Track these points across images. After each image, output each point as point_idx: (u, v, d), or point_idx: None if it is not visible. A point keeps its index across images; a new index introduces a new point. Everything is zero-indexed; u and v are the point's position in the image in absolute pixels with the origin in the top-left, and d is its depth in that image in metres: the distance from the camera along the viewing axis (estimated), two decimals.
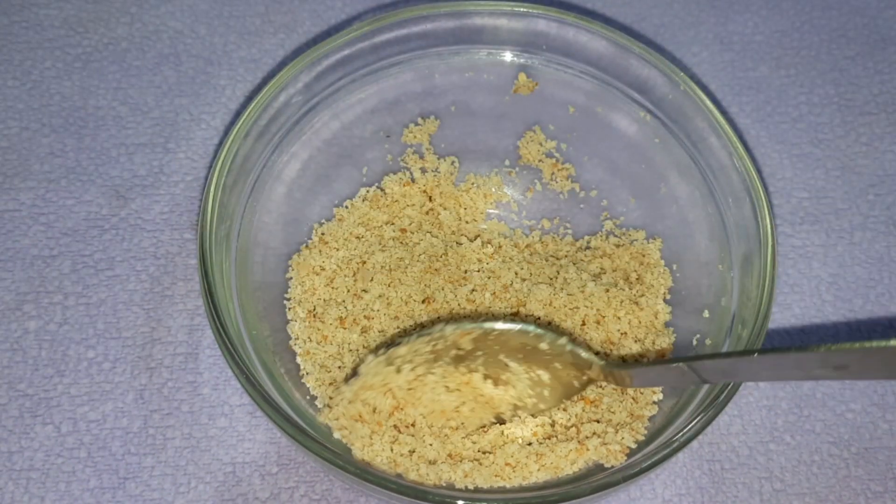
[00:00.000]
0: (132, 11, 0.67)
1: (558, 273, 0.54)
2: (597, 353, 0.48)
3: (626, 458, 0.46)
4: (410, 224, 0.56)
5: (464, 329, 0.46)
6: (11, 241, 0.57)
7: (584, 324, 0.52)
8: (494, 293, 0.53)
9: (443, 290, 0.53)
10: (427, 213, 0.57)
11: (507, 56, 0.57)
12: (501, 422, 0.48)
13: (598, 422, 0.48)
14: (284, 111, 0.54)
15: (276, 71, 0.65)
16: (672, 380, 0.44)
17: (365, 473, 0.43)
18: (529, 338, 0.46)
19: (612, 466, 0.46)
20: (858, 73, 0.67)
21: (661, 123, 0.56)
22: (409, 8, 0.55)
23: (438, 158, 0.59)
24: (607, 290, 0.52)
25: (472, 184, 0.59)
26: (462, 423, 0.48)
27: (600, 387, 0.50)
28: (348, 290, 0.53)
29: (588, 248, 0.57)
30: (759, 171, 0.52)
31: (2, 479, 0.50)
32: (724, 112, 0.63)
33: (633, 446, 0.47)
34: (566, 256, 0.56)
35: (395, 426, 0.47)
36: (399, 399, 0.47)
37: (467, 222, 0.58)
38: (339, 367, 0.50)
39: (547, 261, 0.55)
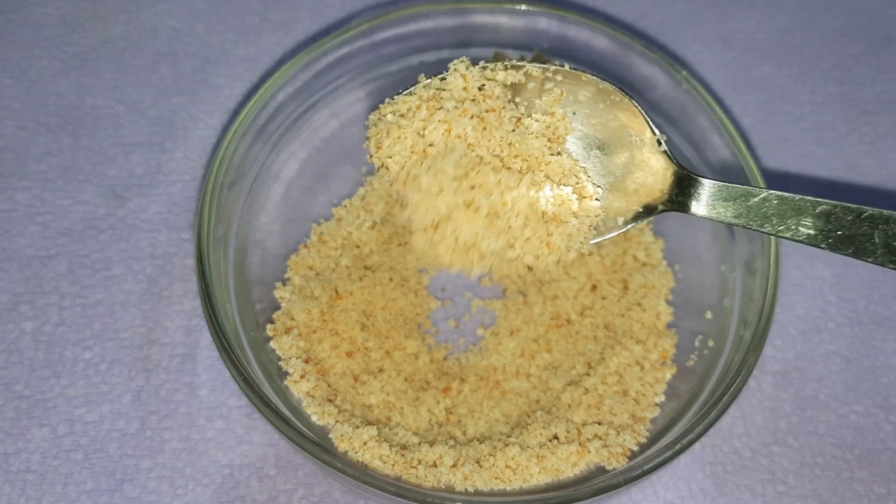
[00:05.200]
0: (129, 10, 0.67)
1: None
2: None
3: (627, 460, 0.46)
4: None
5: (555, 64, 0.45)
6: (7, 241, 0.57)
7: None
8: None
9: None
10: None
11: (508, 54, 0.57)
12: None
13: (599, 424, 0.48)
14: (283, 110, 0.53)
15: (274, 69, 0.65)
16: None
17: (364, 476, 0.43)
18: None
19: (614, 469, 0.46)
20: (861, 72, 0.67)
21: (664, 122, 0.55)
22: (409, 6, 0.55)
23: None
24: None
25: None
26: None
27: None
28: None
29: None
30: (761, 171, 0.52)
31: None
32: (726, 111, 0.63)
33: (635, 449, 0.47)
34: None
35: None
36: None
37: None
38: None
39: None
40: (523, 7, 0.55)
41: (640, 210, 0.45)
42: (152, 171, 0.60)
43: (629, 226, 0.45)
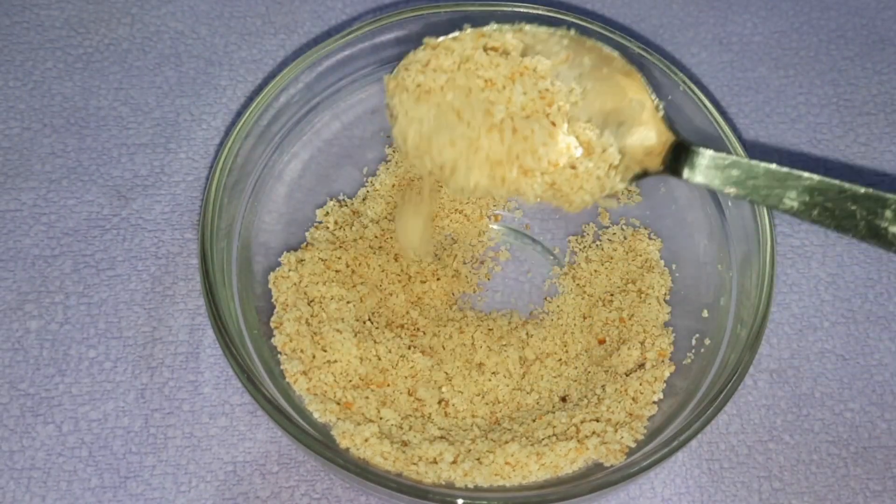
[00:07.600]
0: (133, 12, 0.68)
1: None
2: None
3: (625, 457, 0.46)
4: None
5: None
6: (13, 240, 0.57)
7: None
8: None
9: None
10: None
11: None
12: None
13: (597, 421, 0.48)
14: (285, 111, 0.54)
15: (276, 71, 0.65)
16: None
17: (365, 472, 0.43)
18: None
19: (612, 466, 0.46)
20: (857, 74, 0.67)
21: None
22: (410, 8, 0.56)
23: None
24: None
25: None
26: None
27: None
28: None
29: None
30: None
31: (3, 478, 0.50)
32: (723, 112, 0.63)
33: (633, 445, 0.47)
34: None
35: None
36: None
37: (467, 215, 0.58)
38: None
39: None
40: (522, 10, 0.56)
41: (638, 171, 0.46)
42: (156, 172, 0.61)
43: (625, 184, 0.46)
